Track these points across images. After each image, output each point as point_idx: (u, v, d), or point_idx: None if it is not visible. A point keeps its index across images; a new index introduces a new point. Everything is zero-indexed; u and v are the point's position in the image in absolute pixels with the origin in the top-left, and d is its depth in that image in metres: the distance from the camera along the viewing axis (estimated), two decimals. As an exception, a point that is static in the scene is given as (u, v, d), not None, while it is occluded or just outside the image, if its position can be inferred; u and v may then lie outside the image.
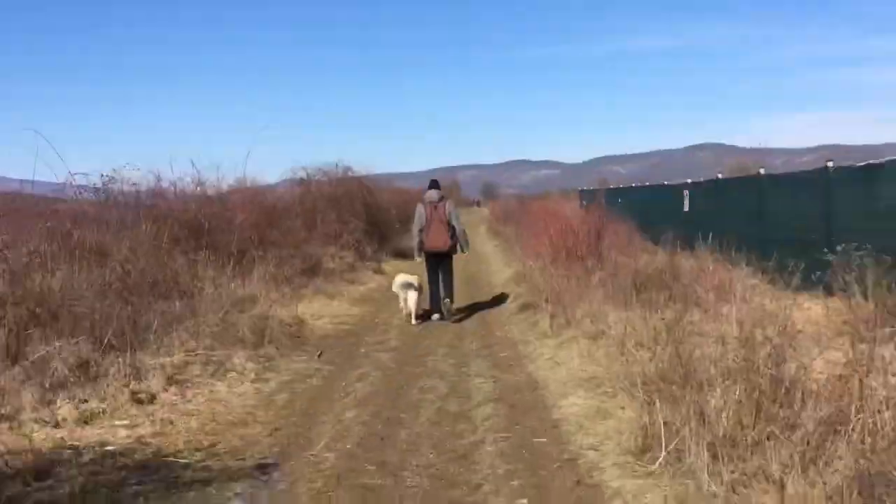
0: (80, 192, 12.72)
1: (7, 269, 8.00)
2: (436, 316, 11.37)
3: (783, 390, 4.67)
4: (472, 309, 12.24)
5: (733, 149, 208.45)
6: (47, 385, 6.66)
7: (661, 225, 17.26)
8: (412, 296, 11.14)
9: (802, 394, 4.62)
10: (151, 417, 6.36)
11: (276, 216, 15.47)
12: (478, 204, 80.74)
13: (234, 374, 7.77)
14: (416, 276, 11.38)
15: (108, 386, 6.80)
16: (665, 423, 4.94)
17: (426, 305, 11.55)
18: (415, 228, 11.33)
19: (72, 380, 6.96)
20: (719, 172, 20.44)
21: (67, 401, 6.55)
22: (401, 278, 11.39)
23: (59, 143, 12.85)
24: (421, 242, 11.21)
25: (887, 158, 10.49)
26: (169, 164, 17.27)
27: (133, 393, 6.77)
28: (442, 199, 11.33)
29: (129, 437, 5.90)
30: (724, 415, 4.68)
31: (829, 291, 9.78)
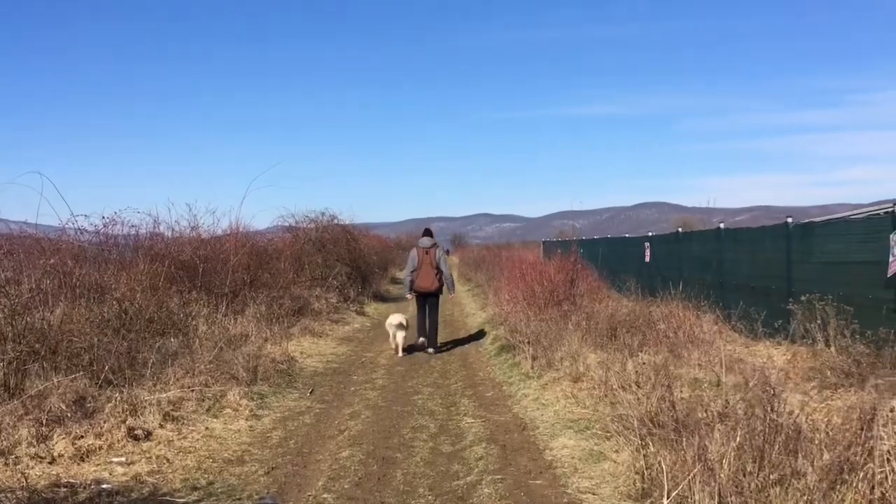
0: (81, 233, 12.25)
1: (7, 305, 7.46)
2: (421, 340, 11.59)
3: (784, 436, 4.31)
4: (453, 350, 11.83)
5: (677, 207, 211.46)
6: (44, 420, 6.13)
7: (623, 274, 17.06)
8: (401, 334, 11.37)
9: (804, 439, 4.27)
10: (148, 454, 5.85)
11: (266, 259, 15.02)
12: (447, 252, 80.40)
13: (228, 410, 7.28)
14: (405, 317, 11.65)
15: (104, 422, 6.28)
16: (663, 468, 4.56)
17: (412, 341, 11.70)
18: (407, 269, 11.72)
19: (69, 415, 6.44)
20: (666, 227, 20.40)
21: (64, 436, 6.03)
22: (394, 318, 11.49)
23: (62, 186, 12.37)
24: (412, 282, 11.53)
25: (840, 215, 10.40)
26: (167, 209, 16.79)
27: (129, 429, 6.26)
28: (433, 245, 11.69)
29: (125, 474, 5.40)
30: (726, 460, 4.31)
31: (791, 339, 9.56)
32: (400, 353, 11.23)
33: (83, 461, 5.67)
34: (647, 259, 17.66)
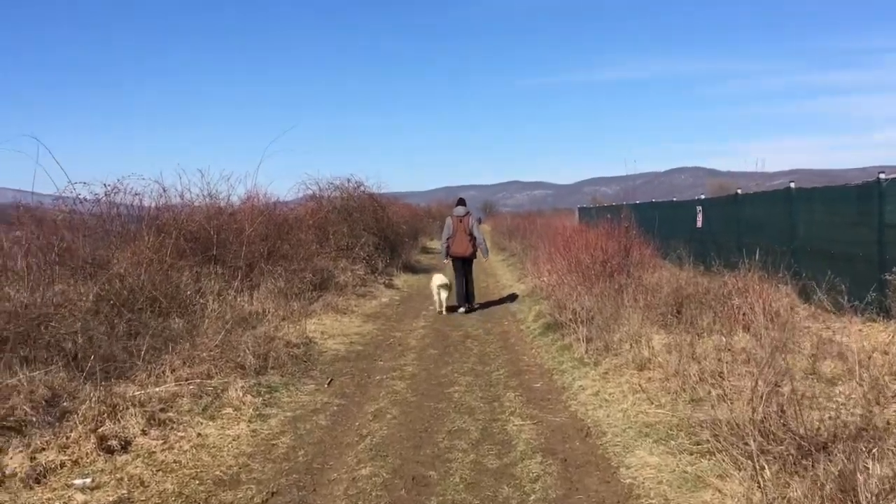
0: (80, 202, 11.11)
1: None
2: (461, 309, 12.17)
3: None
4: (491, 329, 10.54)
5: (712, 171, 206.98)
6: (-3, 428, 4.97)
7: (672, 240, 15.58)
8: (444, 293, 12.22)
9: None
10: (119, 474, 4.66)
11: (286, 229, 13.77)
12: (479, 221, 79.13)
13: (229, 410, 6.07)
14: (447, 279, 12.41)
15: (72, 430, 5.10)
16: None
17: (454, 302, 12.34)
18: (443, 236, 12.42)
19: (33, 419, 5.29)
20: (702, 192, 18.81)
21: (21, 449, 4.88)
22: (438, 279, 12.39)
23: (60, 152, 11.22)
24: (448, 248, 12.23)
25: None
26: (178, 175, 15.59)
27: (101, 439, 5.07)
28: (467, 214, 12.35)
29: (84, 505, 4.21)
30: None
31: (889, 314, 8.14)
32: (444, 312, 12.06)
33: (37, 484, 4.50)
34: (699, 224, 16.16)
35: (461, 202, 12.66)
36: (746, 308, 8.07)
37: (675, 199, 21.73)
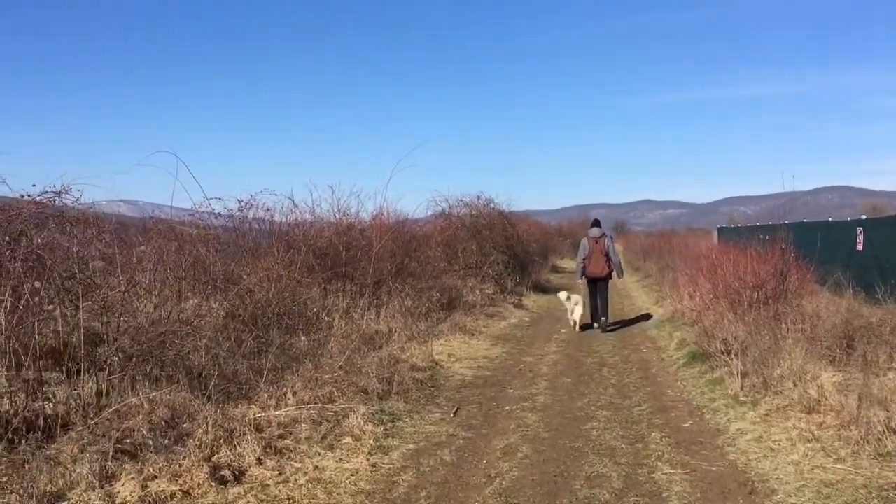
0: (215, 217, 11.24)
1: (98, 300, 6.20)
2: (596, 325, 12.16)
3: None
4: (629, 355, 9.75)
5: (862, 191, 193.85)
6: (110, 452, 4.74)
7: (826, 265, 14.13)
8: (578, 311, 12.17)
9: None
10: (229, 509, 4.32)
11: (414, 246, 13.48)
12: (611, 239, 77.05)
13: (348, 439, 5.66)
14: (581, 297, 12.38)
15: (184, 458, 4.81)
16: None
17: (588, 320, 12.36)
18: (579, 258, 12.46)
19: (150, 443, 5.05)
20: (850, 213, 17.04)
21: (133, 476, 4.61)
22: (573, 298, 12.38)
23: (198, 168, 11.40)
24: (584, 269, 12.20)
25: None
26: (309, 191, 15.63)
27: (215, 469, 4.76)
28: (602, 235, 12.26)
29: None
30: None
31: None
32: (577, 329, 12.06)
33: (146, 516, 4.22)
34: (860, 247, 14.62)
35: (596, 223, 12.71)
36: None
37: (830, 219, 19.99)
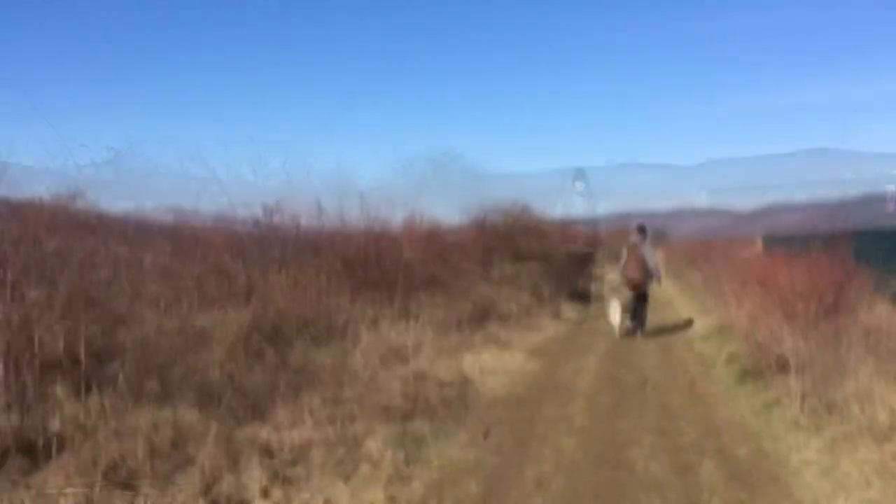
0: (241, 223, 10.85)
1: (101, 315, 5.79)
2: (638, 333, 12.15)
3: None
4: (673, 370, 9.10)
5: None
6: (97, 486, 4.28)
7: (884, 273, 13.24)
8: (617, 317, 12.30)
9: None
10: (223, 552, 3.82)
11: (446, 253, 12.96)
12: (650, 247, 75.77)
13: (366, 466, 5.13)
14: (621, 303, 12.41)
15: (179, 491, 4.33)
16: None
17: (628, 324, 12.27)
18: (619, 264, 12.57)
19: (147, 471, 4.59)
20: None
21: (123, 510, 4.15)
22: (614, 302, 12.58)
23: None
24: (623, 275, 12.33)
25: None
26: (337, 197, 15.19)
27: None
28: (641, 242, 12.26)
29: None
30: None
31: None
32: (617, 335, 12.13)
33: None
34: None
35: (639, 229, 12.54)
36: None
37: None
